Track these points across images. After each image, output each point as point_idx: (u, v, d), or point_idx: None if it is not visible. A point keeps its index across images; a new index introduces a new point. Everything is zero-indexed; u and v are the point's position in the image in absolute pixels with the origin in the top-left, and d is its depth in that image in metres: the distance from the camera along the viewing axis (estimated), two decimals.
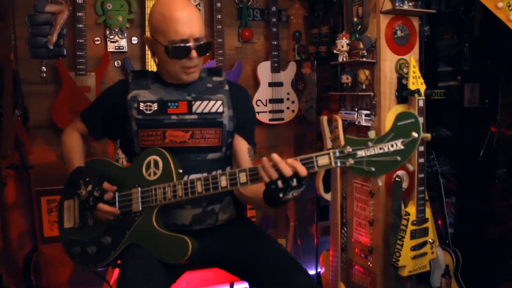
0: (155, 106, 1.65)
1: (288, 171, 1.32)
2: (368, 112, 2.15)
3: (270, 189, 1.37)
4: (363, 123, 2.15)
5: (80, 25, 2.64)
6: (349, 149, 1.29)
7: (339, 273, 2.18)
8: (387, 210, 2.16)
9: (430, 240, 2.13)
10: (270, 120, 3.10)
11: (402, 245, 2.06)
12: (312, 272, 3.15)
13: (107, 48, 2.76)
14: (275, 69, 3.07)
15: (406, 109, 2.16)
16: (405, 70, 2.10)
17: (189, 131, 1.65)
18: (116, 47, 2.78)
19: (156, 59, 1.68)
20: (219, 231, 1.73)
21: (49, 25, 2.66)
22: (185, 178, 1.62)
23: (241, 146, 1.77)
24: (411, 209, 2.08)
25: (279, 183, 1.34)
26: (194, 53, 1.57)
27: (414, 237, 2.08)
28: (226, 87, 1.74)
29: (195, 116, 1.66)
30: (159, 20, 1.56)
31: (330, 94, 2.74)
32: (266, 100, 3.08)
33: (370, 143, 1.27)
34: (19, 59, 2.60)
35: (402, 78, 2.12)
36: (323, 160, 1.33)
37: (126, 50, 2.79)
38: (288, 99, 3.13)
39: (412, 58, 2.09)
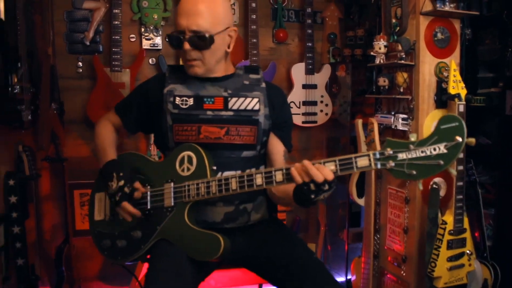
0: (191, 101, 1.63)
1: (320, 178, 1.31)
2: (405, 116, 2.09)
3: (302, 190, 1.36)
4: (400, 127, 2.09)
5: (116, 22, 2.67)
6: (389, 151, 1.26)
7: (371, 281, 2.12)
8: (423, 218, 2.09)
9: (468, 251, 2.04)
10: (303, 122, 3.06)
11: (438, 255, 1.98)
12: (341, 279, 3.08)
13: (142, 45, 2.78)
14: (309, 71, 3.03)
15: (445, 114, 2.08)
16: (445, 74, 2.03)
17: (224, 128, 1.63)
18: (151, 45, 2.80)
19: None
20: (250, 231, 1.69)
21: (86, 21, 2.70)
22: (219, 175, 1.60)
23: (277, 147, 1.73)
24: (449, 218, 2.00)
25: (311, 185, 1.34)
26: (186, 45, 1.54)
27: (451, 248, 2.00)
28: (263, 85, 1.71)
29: (231, 113, 1.64)
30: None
31: (364, 98, 2.69)
32: (299, 102, 3.05)
33: (411, 146, 1.24)
34: (57, 54, 2.65)
35: (441, 82, 2.05)
36: (362, 162, 1.30)
37: (160, 47, 2.81)
38: (321, 101, 3.08)
39: (453, 62, 2.02)
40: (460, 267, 2.03)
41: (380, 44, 2.15)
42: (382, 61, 2.17)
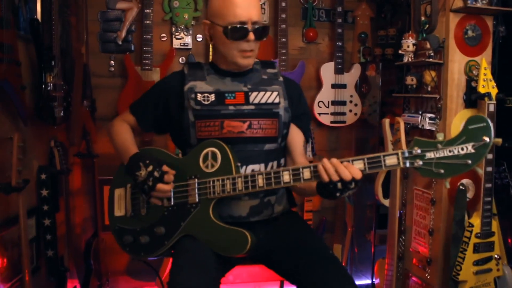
0: (212, 97, 1.65)
1: (347, 176, 1.33)
2: (432, 115, 2.04)
3: (327, 187, 1.37)
4: (427, 127, 2.04)
5: (148, 22, 2.73)
6: (417, 150, 1.28)
7: (394, 283, 2.08)
8: (449, 220, 2.03)
9: (496, 256, 1.97)
10: (331, 122, 3.04)
11: (463, 258, 1.93)
12: (367, 281, 3.04)
13: (172, 44, 2.84)
14: (338, 71, 3.01)
15: (474, 113, 2.02)
16: (475, 72, 1.97)
17: (247, 122, 1.64)
18: (181, 44, 2.85)
19: (213, 45, 1.70)
20: (273, 223, 1.70)
21: (119, 21, 2.78)
22: (243, 169, 1.61)
23: (297, 138, 1.74)
24: (476, 220, 1.94)
25: (339, 184, 1.35)
26: (251, 36, 1.56)
27: (478, 251, 1.94)
28: (281, 78, 1.73)
29: (252, 107, 1.66)
30: (220, 3, 1.58)
31: (395, 98, 2.64)
32: (328, 101, 3.02)
33: (439, 145, 1.27)
34: (90, 53, 2.74)
35: (471, 81, 1.99)
36: (391, 160, 1.32)
37: (190, 47, 2.86)
38: (351, 101, 3.05)
39: (484, 60, 1.95)
40: (487, 272, 1.97)
41: (409, 42, 2.11)
42: (410, 60, 2.13)
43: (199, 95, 1.64)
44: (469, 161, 1.23)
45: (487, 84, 1.91)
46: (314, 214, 3.07)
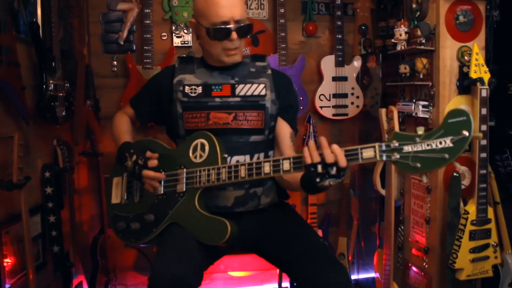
0: (199, 89, 1.69)
1: (330, 158, 1.32)
2: (426, 103, 2.03)
3: (309, 171, 1.36)
4: (420, 115, 2.03)
5: (148, 21, 2.78)
6: (395, 143, 1.27)
7: (392, 274, 2.07)
8: (445, 208, 2.02)
9: (493, 243, 1.95)
10: (333, 115, 3.04)
11: (459, 246, 1.91)
12: (374, 275, 3.04)
13: (173, 43, 2.88)
14: (339, 63, 3.01)
15: (468, 100, 2.00)
16: (467, 58, 1.95)
17: (232, 113, 1.68)
18: (182, 42, 2.89)
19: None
20: (260, 215, 1.73)
21: (120, 22, 2.84)
22: (228, 159, 1.65)
23: (284, 130, 1.76)
24: (471, 207, 1.92)
25: (319, 167, 1.33)
26: (234, 35, 1.60)
27: (474, 238, 1.92)
28: (269, 71, 1.75)
29: (238, 99, 1.69)
30: (202, 3, 1.61)
31: (395, 89, 2.62)
32: (329, 94, 3.03)
33: (417, 139, 1.25)
34: (93, 54, 2.81)
35: (464, 67, 1.97)
36: (368, 153, 1.31)
37: (191, 44, 2.90)
38: (352, 94, 3.04)
39: (476, 45, 1.93)
40: (484, 259, 1.95)
41: (401, 31, 2.11)
42: (403, 48, 2.12)
43: (186, 88, 1.69)
44: (446, 155, 1.19)
45: (479, 69, 1.89)
46: (318, 208, 3.07)
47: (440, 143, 1.20)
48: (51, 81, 2.21)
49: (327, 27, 3.13)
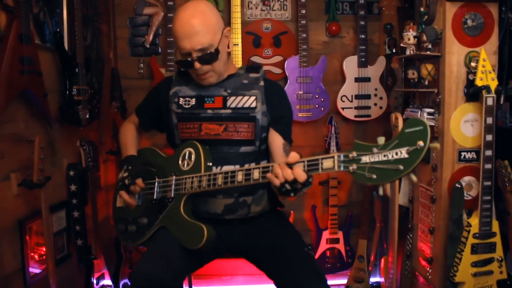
0: (193, 101, 1.76)
1: (290, 177, 1.37)
2: (431, 110, 1.97)
3: (281, 191, 1.43)
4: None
5: (170, 25, 2.88)
6: (354, 154, 1.25)
7: (395, 281, 2.05)
8: (449, 219, 1.96)
9: (498, 257, 1.87)
10: (355, 116, 3.00)
11: (460, 259, 1.86)
12: None
13: None
14: (362, 64, 2.96)
15: (477, 107, 1.92)
16: (473, 64, 1.87)
17: (223, 125, 1.73)
18: None
19: None
20: (250, 223, 1.78)
21: (146, 26, 2.97)
22: (218, 169, 1.71)
23: (276, 141, 1.79)
24: (474, 220, 1.85)
25: (287, 186, 1.40)
26: (196, 65, 1.64)
27: (476, 252, 1.86)
28: (262, 83, 1.77)
29: (229, 111, 1.74)
30: (172, 34, 1.70)
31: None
32: (351, 95, 2.99)
33: (375, 149, 1.22)
34: (121, 57, 2.95)
35: (470, 73, 1.89)
36: (327, 163, 1.32)
37: None
38: (375, 95, 2.98)
39: (483, 50, 1.84)
40: (487, 274, 1.87)
41: (409, 35, 2.05)
42: (412, 53, 2.07)
43: (181, 99, 1.77)
44: (401, 167, 1.15)
45: (485, 77, 1.81)
46: (339, 209, 3.06)
47: (396, 153, 1.17)
48: (74, 87, 2.36)
49: (352, 27, 3.08)
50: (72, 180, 2.45)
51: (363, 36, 2.95)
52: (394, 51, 2.95)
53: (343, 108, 2.99)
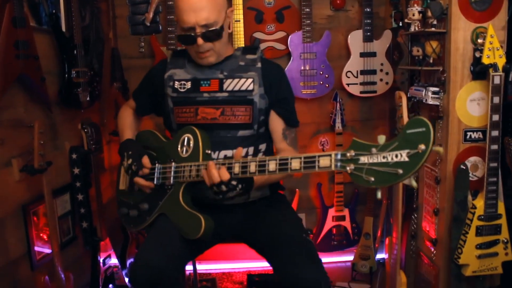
0: (188, 85, 1.72)
1: (215, 178, 1.44)
2: (436, 89, 1.91)
3: (212, 193, 1.49)
4: (430, 102, 1.92)
5: (171, 2, 2.80)
6: (352, 153, 1.19)
7: (398, 262, 2.04)
8: (453, 200, 1.92)
9: (503, 239, 1.84)
10: (361, 92, 2.93)
11: (465, 241, 1.83)
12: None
13: None
14: (367, 38, 2.87)
15: (483, 86, 1.86)
16: (480, 41, 1.79)
17: (220, 108, 1.70)
18: None
19: None
20: (250, 207, 1.76)
21: (146, 3, 2.89)
22: (215, 154, 1.68)
23: (276, 125, 1.75)
24: (479, 202, 1.82)
25: (214, 188, 1.47)
26: (200, 40, 1.58)
27: (481, 234, 1.83)
28: (259, 64, 1.72)
29: (225, 94, 1.70)
30: (174, 7, 1.63)
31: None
32: (357, 71, 2.91)
33: (374, 150, 1.15)
34: (121, 36, 2.89)
35: (477, 51, 1.82)
36: (324, 161, 1.27)
37: None
38: (381, 70, 2.90)
39: (491, 26, 1.76)
40: (492, 256, 1.85)
41: (414, 10, 1.97)
42: (417, 29, 1.99)
43: (176, 83, 1.72)
44: (400, 171, 1.08)
45: (492, 54, 1.74)
46: (345, 186, 3.03)
47: (396, 156, 1.10)
48: (73, 69, 2.33)
49: (357, 0, 2.98)
50: (75, 163, 2.45)
51: (368, 10, 2.84)
52: (400, 24, 2.86)
53: (348, 84, 2.92)
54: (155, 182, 1.73)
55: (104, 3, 2.82)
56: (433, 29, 1.85)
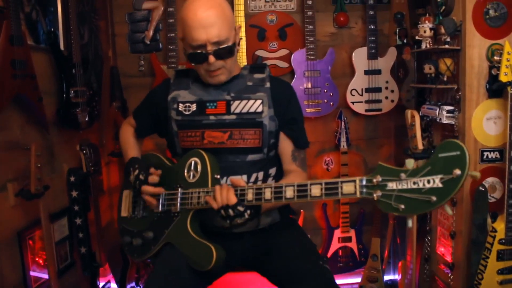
0: (194, 107, 1.64)
1: (221, 201, 1.39)
2: (451, 108, 1.85)
3: (220, 217, 1.43)
4: (445, 121, 1.85)
5: (171, 20, 2.75)
6: (379, 178, 1.11)
7: (414, 286, 1.95)
8: (471, 223, 1.85)
9: None
10: (366, 110, 2.88)
11: (485, 266, 1.75)
12: None
13: None
14: (372, 56, 2.82)
15: (500, 104, 1.80)
16: (496, 58, 1.74)
17: (227, 132, 1.61)
18: None
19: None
20: (260, 235, 1.67)
21: (146, 21, 2.84)
22: (223, 180, 1.59)
23: (285, 147, 1.68)
24: (499, 225, 1.74)
25: (222, 211, 1.40)
26: (211, 58, 1.50)
27: (502, 259, 1.75)
28: (268, 84, 1.64)
29: (233, 117, 1.61)
30: (181, 24, 1.54)
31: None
32: (361, 89, 2.86)
33: (403, 175, 1.07)
34: (120, 54, 2.83)
35: (493, 68, 1.76)
36: (348, 188, 1.19)
37: None
38: (386, 88, 2.86)
39: (507, 43, 1.71)
40: None
41: (425, 27, 1.92)
42: (428, 46, 1.93)
43: (180, 105, 1.64)
44: (434, 198, 1.00)
45: (510, 71, 1.68)
46: (351, 206, 2.96)
47: (428, 182, 1.02)
48: (72, 88, 2.25)
49: (360, 17, 2.94)
50: (73, 186, 2.35)
51: (372, 27, 2.81)
52: (405, 41, 2.82)
53: (353, 102, 2.86)
54: (160, 209, 1.63)
55: (103, 21, 2.75)
56: (446, 46, 1.80)
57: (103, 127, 2.59)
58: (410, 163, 1.06)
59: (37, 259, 2.07)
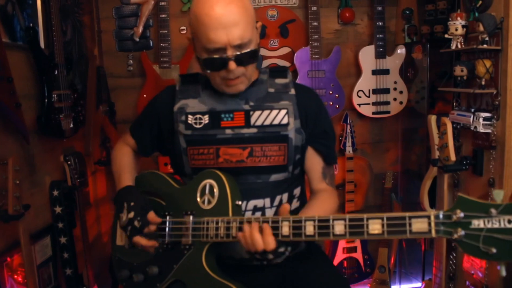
0: (206, 119, 1.39)
1: (258, 246, 1.17)
2: (488, 114, 1.67)
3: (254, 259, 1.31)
4: (481, 129, 1.67)
5: (164, 15, 2.51)
6: (460, 214, 0.91)
7: None
8: None
9: None
10: (373, 113, 2.70)
11: None
12: (418, 284, 2.83)
13: None
14: (379, 55, 2.64)
15: None
16: None
17: (247, 148, 1.37)
18: None
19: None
20: (284, 266, 1.44)
21: (135, 16, 2.59)
22: (243, 205, 1.36)
23: (314, 163, 1.45)
24: None
25: (257, 255, 1.22)
26: (232, 65, 1.25)
27: None
28: (292, 91, 1.41)
29: (254, 130, 1.37)
30: (193, 21, 1.29)
31: (446, 83, 2.26)
32: (369, 90, 2.68)
33: (493, 210, 0.88)
34: (107, 53, 2.57)
35: None
36: (419, 225, 0.97)
37: None
38: (395, 89, 2.68)
39: None
40: None
41: (457, 24, 1.73)
42: (459, 46, 1.75)
43: (190, 117, 1.39)
44: None
45: None
46: None
47: None
48: (54, 92, 1.99)
49: (366, 13, 2.75)
50: (56, 201, 2.10)
51: (380, 24, 2.62)
52: (414, 39, 2.64)
53: (359, 105, 2.68)
54: (166, 241, 1.39)
55: (87, 16, 2.49)
56: (485, 46, 1.62)
57: (89, 133, 2.33)
58: (499, 195, 0.86)
59: (16, 286, 1.81)
